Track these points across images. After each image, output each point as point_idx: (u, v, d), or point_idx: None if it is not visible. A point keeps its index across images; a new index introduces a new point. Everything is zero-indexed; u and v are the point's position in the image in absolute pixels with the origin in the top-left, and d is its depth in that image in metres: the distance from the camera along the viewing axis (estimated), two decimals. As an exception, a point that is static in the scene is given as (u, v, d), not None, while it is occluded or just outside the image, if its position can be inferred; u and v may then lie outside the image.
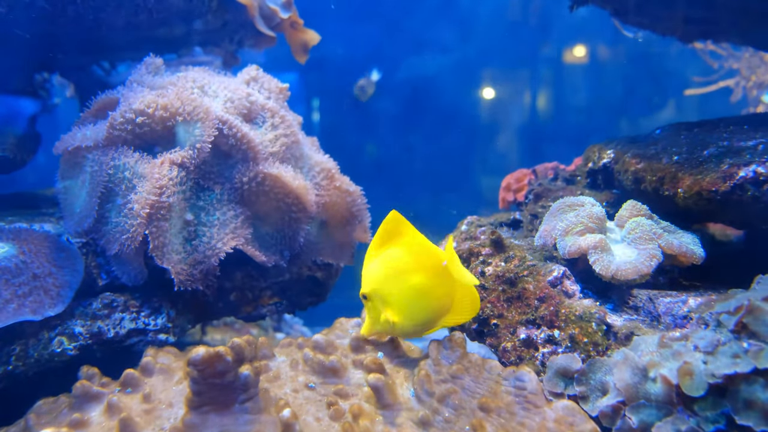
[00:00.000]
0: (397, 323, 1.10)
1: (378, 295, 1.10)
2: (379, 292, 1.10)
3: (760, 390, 0.80)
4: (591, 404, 0.99)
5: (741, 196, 1.10)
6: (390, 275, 1.10)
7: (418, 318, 1.11)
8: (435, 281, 1.11)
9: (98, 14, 1.63)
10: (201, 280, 1.36)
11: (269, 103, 1.54)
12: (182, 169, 1.34)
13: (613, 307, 1.14)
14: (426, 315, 1.12)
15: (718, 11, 1.69)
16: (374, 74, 3.49)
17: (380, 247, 1.12)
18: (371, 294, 1.11)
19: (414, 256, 1.11)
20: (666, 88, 4.17)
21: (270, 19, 1.99)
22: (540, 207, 1.68)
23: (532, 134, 4.52)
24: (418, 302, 1.10)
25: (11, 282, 1.22)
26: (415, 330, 1.13)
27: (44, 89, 2.15)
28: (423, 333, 1.15)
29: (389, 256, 1.11)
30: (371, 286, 1.11)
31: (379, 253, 1.12)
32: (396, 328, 1.11)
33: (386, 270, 1.10)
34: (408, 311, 1.10)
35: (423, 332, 1.15)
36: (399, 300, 1.09)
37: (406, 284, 1.09)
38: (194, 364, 0.88)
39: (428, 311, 1.12)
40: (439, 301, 1.12)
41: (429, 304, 1.11)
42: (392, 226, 1.13)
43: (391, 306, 1.10)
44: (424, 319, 1.12)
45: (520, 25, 4.71)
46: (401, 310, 1.10)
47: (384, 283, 1.10)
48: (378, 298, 1.10)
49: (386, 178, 4.36)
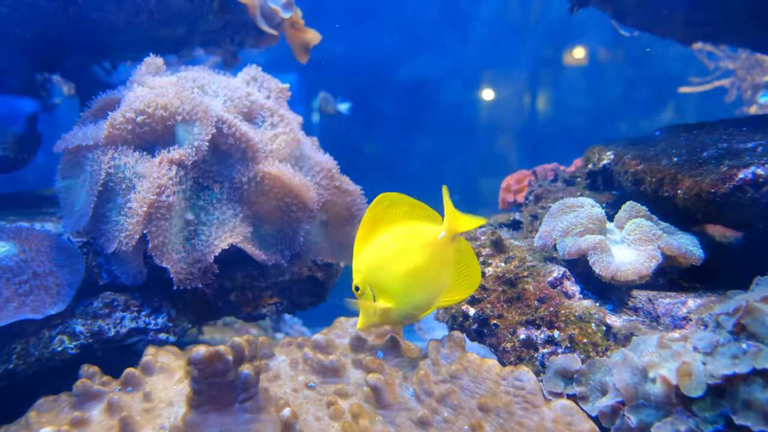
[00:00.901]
0: (393, 309, 1.07)
1: (370, 284, 1.08)
2: (371, 280, 1.08)
3: (758, 390, 0.80)
4: (590, 404, 0.99)
5: (740, 197, 1.11)
6: (381, 262, 1.08)
7: (415, 300, 1.08)
8: (431, 259, 1.08)
9: (99, 14, 1.63)
10: (200, 278, 1.36)
11: (269, 102, 1.55)
12: (181, 168, 1.34)
13: (612, 308, 1.15)
14: (423, 296, 1.09)
15: (717, 14, 1.70)
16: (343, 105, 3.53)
17: (368, 237, 1.10)
18: (362, 284, 1.08)
19: (405, 238, 1.08)
20: (666, 90, 4.18)
21: (271, 19, 1.99)
22: (540, 208, 1.68)
23: (531, 135, 4.53)
24: (414, 284, 1.08)
25: (12, 281, 1.23)
26: (414, 313, 1.10)
27: (45, 89, 2.15)
28: (421, 315, 1.12)
29: (379, 242, 1.09)
30: (361, 276, 1.09)
31: (367, 242, 1.09)
32: (392, 315, 1.09)
33: (377, 257, 1.08)
34: (404, 295, 1.07)
35: (421, 315, 1.12)
36: (393, 285, 1.07)
37: (399, 268, 1.07)
38: (195, 363, 0.88)
39: (426, 291, 1.09)
40: (436, 279, 1.09)
41: (426, 283, 1.08)
42: (379, 211, 1.10)
43: (384, 293, 1.08)
44: (421, 301, 1.09)
45: (520, 26, 4.72)
46: (396, 294, 1.07)
47: (375, 272, 1.08)
48: (370, 287, 1.08)
49: (386, 179, 4.36)
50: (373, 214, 1.10)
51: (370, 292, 1.09)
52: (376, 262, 1.08)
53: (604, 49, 4.44)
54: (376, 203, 1.10)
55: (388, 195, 1.11)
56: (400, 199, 1.11)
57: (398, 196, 1.11)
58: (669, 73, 4.22)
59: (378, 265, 1.08)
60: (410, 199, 1.12)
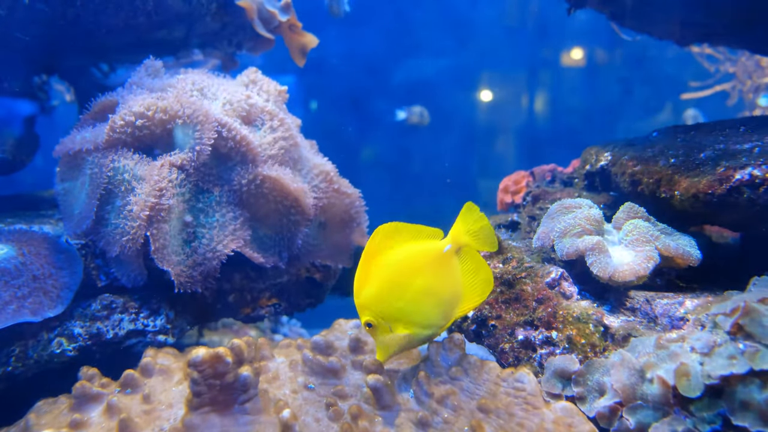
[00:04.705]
0: (412, 333, 1.03)
1: (382, 317, 1.03)
2: (383, 313, 1.03)
3: (756, 391, 0.80)
4: (588, 405, 0.99)
5: (737, 198, 1.11)
6: (390, 292, 1.03)
7: (432, 319, 1.05)
8: (441, 274, 1.06)
9: (97, 17, 1.63)
10: (201, 282, 1.36)
11: (268, 105, 1.55)
12: (181, 172, 1.34)
13: (610, 309, 1.15)
14: (440, 312, 1.06)
15: (715, 15, 1.71)
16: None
17: (368, 272, 1.04)
18: (374, 318, 1.02)
19: (409, 260, 1.05)
20: (663, 91, 4.19)
21: (268, 22, 2.00)
22: (538, 209, 1.69)
23: (530, 137, 4.54)
24: (429, 304, 1.05)
25: (11, 284, 1.23)
26: (434, 332, 1.07)
27: (43, 91, 2.15)
28: (441, 331, 1.09)
29: (381, 273, 1.04)
30: (371, 311, 1.03)
31: (368, 277, 1.04)
32: (413, 340, 1.05)
33: (384, 288, 1.03)
34: (421, 317, 1.04)
35: (441, 330, 1.08)
36: (408, 311, 1.03)
37: (411, 292, 1.04)
38: (194, 365, 0.89)
39: (442, 308, 1.06)
40: (450, 292, 1.07)
41: (440, 300, 1.06)
42: (375, 245, 1.05)
43: (400, 321, 1.03)
44: (439, 318, 1.06)
45: (518, 28, 4.73)
46: (413, 320, 1.03)
47: (386, 303, 1.03)
48: (382, 319, 1.03)
49: (385, 181, 4.37)
50: (369, 250, 1.05)
51: (384, 324, 1.03)
52: (384, 293, 1.03)
53: (602, 51, 4.45)
54: (371, 238, 1.06)
55: (382, 227, 1.07)
56: (394, 228, 1.07)
57: (392, 225, 1.07)
58: (667, 75, 4.23)
59: (387, 296, 1.03)
60: (406, 225, 1.09)
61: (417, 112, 3.82)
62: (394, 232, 1.07)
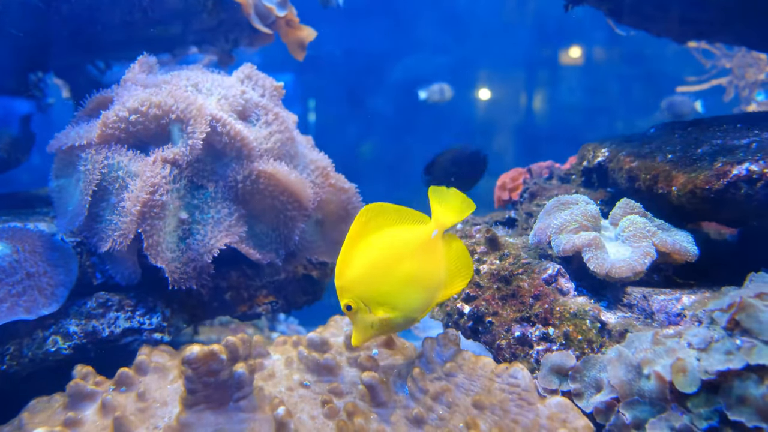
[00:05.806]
0: (393, 318, 1.02)
1: (363, 300, 1.01)
2: (364, 295, 1.01)
3: (752, 386, 0.80)
4: (585, 401, 0.99)
5: (734, 194, 1.11)
6: (373, 274, 1.01)
7: (415, 303, 1.04)
8: (425, 259, 1.05)
9: (93, 13, 1.62)
10: (195, 278, 1.35)
11: (263, 100, 1.54)
12: (175, 167, 1.33)
13: (607, 305, 1.15)
14: (423, 297, 1.05)
15: (712, 11, 1.70)
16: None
17: (351, 254, 1.03)
18: (354, 301, 1.01)
19: (394, 244, 1.04)
20: (661, 88, 4.19)
21: (265, 18, 1.99)
22: (535, 205, 1.68)
23: (527, 133, 4.53)
24: (413, 287, 1.03)
25: (5, 281, 1.22)
26: (414, 316, 1.06)
27: (38, 89, 2.14)
28: (421, 316, 1.08)
29: (364, 256, 1.02)
30: (351, 294, 1.01)
31: (351, 259, 1.02)
32: (392, 323, 1.03)
33: (366, 271, 1.01)
34: (404, 301, 1.03)
35: (422, 316, 1.08)
36: (391, 294, 1.02)
37: (395, 276, 1.02)
38: (189, 363, 0.88)
39: (425, 292, 1.05)
40: (433, 277, 1.06)
41: (424, 284, 1.05)
42: (360, 226, 1.04)
43: (382, 304, 1.02)
44: (421, 303, 1.05)
45: (516, 25, 4.73)
46: (396, 303, 1.02)
47: (368, 285, 1.01)
48: (363, 302, 1.01)
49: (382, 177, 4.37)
50: (354, 231, 1.04)
51: (364, 307, 1.02)
52: (367, 276, 1.02)
53: (600, 48, 4.45)
54: (356, 219, 1.05)
55: (368, 207, 1.05)
56: (380, 209, 1.06)
57: (378, 206, 1.06)
58: (665, 72, 4.23)
59: (369, 278, 1.02)
60: (392, 206, 1.07)
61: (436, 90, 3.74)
62: (380, 212, 1.06)
